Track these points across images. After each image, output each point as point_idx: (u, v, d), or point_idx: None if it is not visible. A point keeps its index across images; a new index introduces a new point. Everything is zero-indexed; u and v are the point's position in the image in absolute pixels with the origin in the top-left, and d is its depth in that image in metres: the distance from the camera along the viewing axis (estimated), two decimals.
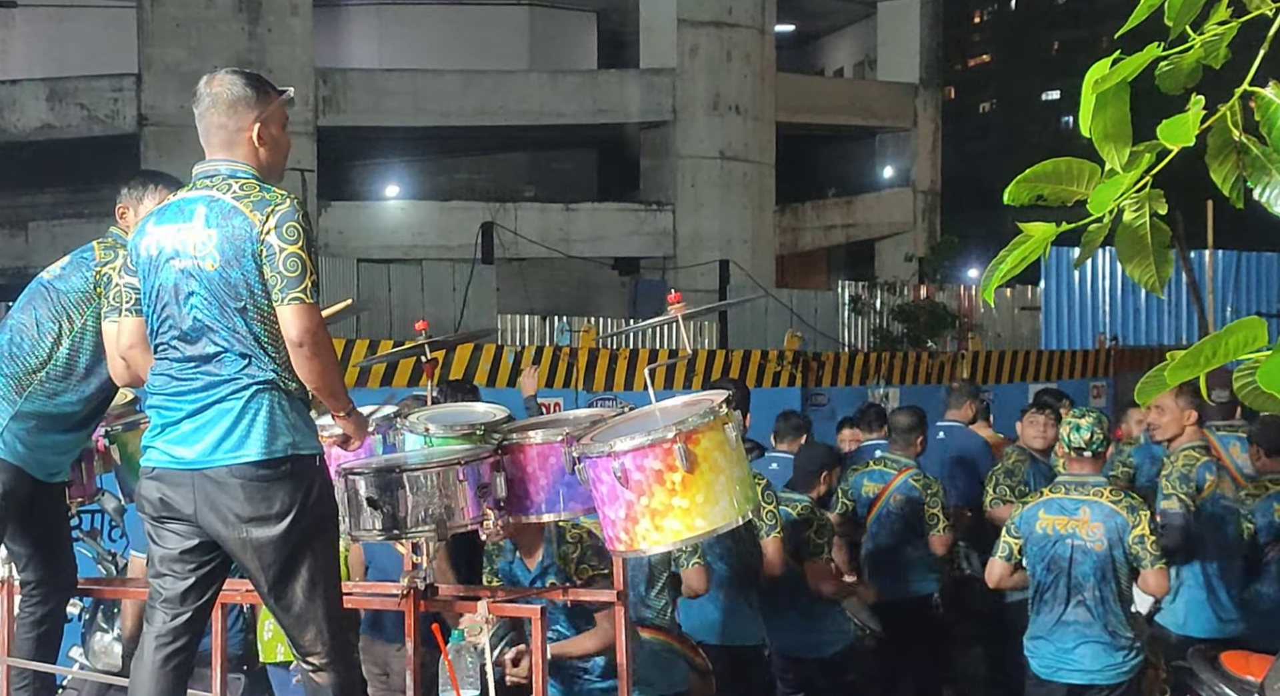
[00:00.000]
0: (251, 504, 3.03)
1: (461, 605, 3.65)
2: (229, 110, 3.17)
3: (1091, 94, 1.56)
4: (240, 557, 3.12)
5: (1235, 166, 1.62)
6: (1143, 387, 1.47)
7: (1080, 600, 4.66)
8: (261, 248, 3.03)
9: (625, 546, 3.27)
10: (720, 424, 3.21)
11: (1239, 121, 1.59)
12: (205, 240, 3.07)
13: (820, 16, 29.17)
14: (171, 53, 20.50)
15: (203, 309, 3.07)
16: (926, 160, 28.11)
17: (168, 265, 3.12)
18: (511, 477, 3.49)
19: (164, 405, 3.13)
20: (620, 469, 3.18)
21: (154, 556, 3.18)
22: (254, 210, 3.05)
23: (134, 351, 3.32)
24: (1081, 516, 4.67)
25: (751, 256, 22.21)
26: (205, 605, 3.22)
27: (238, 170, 3.15)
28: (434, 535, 3.40)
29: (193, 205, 3.12)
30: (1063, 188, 1.62)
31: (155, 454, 3.14)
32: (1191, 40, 1.59)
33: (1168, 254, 1.65)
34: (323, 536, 3.18)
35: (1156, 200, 1.64)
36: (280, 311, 3.04)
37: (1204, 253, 14.04)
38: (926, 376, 11.05)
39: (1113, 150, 1.60)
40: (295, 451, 3.09)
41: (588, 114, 22.71)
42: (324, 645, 3.15)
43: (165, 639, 3.12)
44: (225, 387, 3.06)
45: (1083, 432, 4.74)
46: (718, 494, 3.18)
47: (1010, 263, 1.60)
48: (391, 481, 3.35)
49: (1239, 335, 1.36)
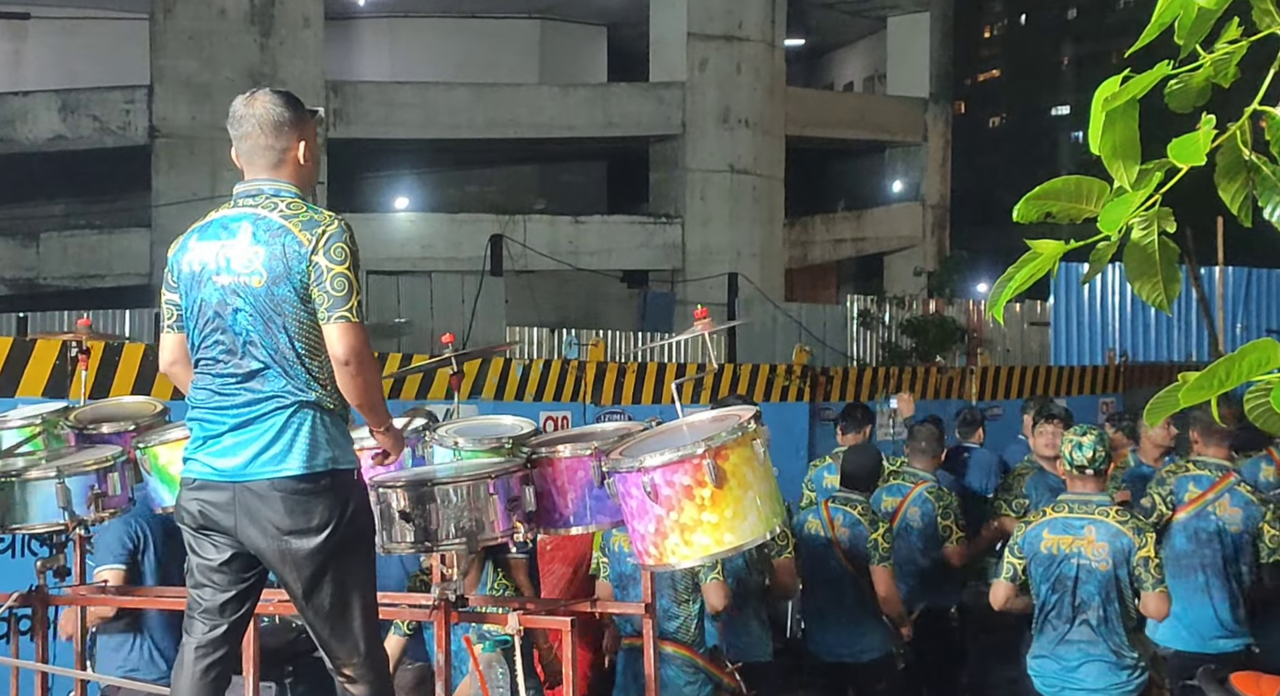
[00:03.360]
0: (291, 517, 3.08)
1: (492, 617, 3.69)
2: (275, 131, 3.22)
3: (1101, 111, 1.56)
4: (278, 569, 3.16)
5: (1245, 185, 1.61)
6: (1154, 407, 1.47)
7: (1084, 619, 4.63)
8: (310, 267, 3.08)
9: (655, 560, 3.30)
10: (749, 440, 3.25)
11: (1249, 140, 1.59)
12: (252, 257, 3.11)
13: (830, 31, 29.21)
14: (183, 64, 20.59)
15: (247, 324, 3.12)
16: (936, 174, 28.11)
17: (210, 281, 3.16)
18: (540, 491, 3.53)
19: (206, 418, 3.18)
20: (650, 484, 3.21)
21: (192, 566, 3.23)
22: (303, 230, 3.11)
23: (175, 367, 3.38)
24: (1086, 535, 4.64)
25: (760, 270, 22.21)
26: (243, 617, 3.27)
27: (281, 189, 3.21)
28: (465, 547, 3.44)
29: (237, 222, 3.18)
30: (1072, 205, 1.61)
31: (197, 465, 3.19)
32: (1201, 59, 1.58)
33: (1176, 272, 1.64)
34: (359, 549, 3.23)
35: (1165, 218, 1.63)
36: (326, 330, 3.09)
37: (1214, 269, 14.00)
38: (935, 391, 11.03)
39: (1122, 168, 1.59)
40: (335, 466, 3.14)
41: (597, 127, 22.75)
42: (359, 656, 3.19)
43: (205, 649, 3.17)
44: (269, 403, 3.11)
45: (1084, 451, 4.70)
46: (746, 509, 3.21)
47: (1019, 280, 1.59)
48: (423, 494, 3.41)
49: (1253, 357, 1.35)
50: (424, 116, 22.02)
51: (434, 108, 22.03)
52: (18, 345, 5.79)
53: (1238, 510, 5.27)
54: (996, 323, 19.29)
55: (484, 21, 24.49)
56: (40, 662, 4.09)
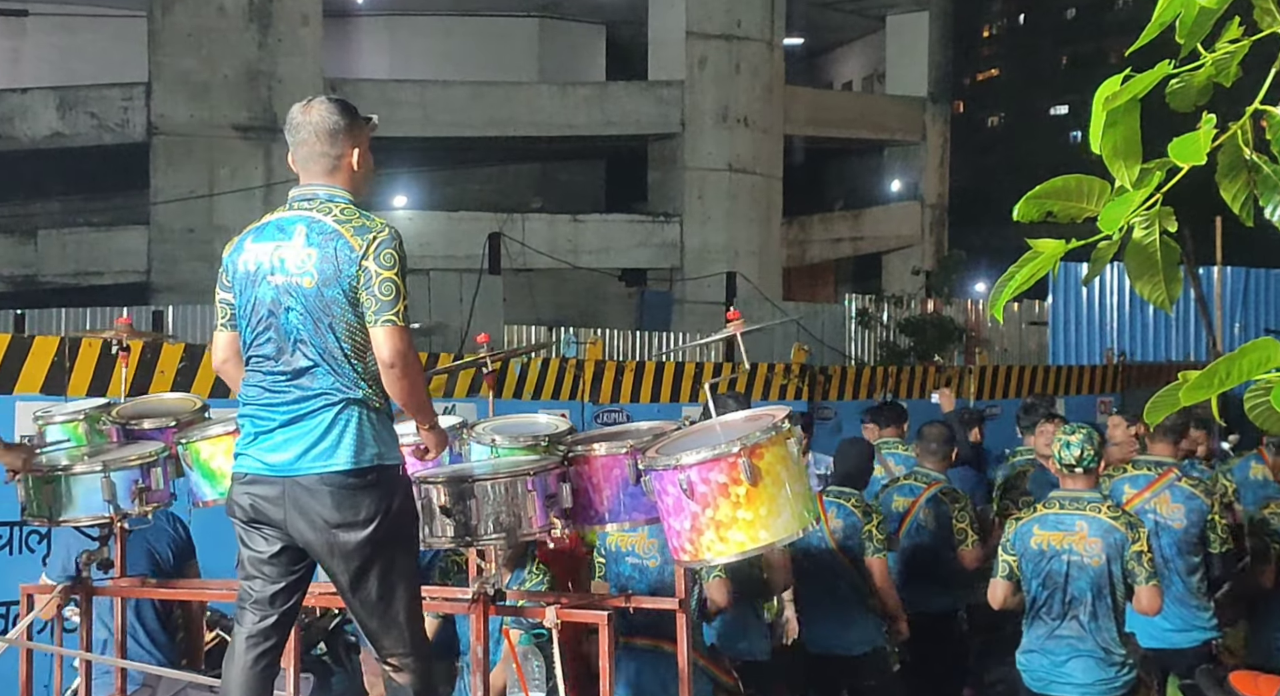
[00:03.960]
0: (339, 510, 3.18)
1: (530, 611, 3.77)
2: (330, 139, 3.31)
3: (1102, 111, 1.55)
4: (326, 561, 3.25)
5: (1246, 185, 1.61)
6: (1153, 406, 1.47)
7: (1074, 615, 4.65)
8: (359, 271, 3.18)
9: (690, 556, 3.38)
10: (783, 439, 3.33)
11: (1250, 140, 1.59)
12: (305, 258, 3.22)
13: (829, 30, 29.22)
14: (182, 62, 20.57)
15: (298, 323, 3.22)
16: (934, 174, 28.12)
17: (265, 281, 3.27)
18: (576, 488, 3.62)
19: (257, 415, 3.28)
20: (686, 481, 3.29)
21: (243, 559, 3.32)
22: (355, 235, 3.21)
23: (227, 365, 3.47)
24: (1078, 531, 4.66)
25: (758, 269, 22.22)
26: (292, 608, 3.36)
27: (335, 195, 3.30)
28: (504, 542, 3.56)
29: (292, 225, 3.28)
30: (1073, 204, 1.61)
31: (248, 461, 3.28)
32: (1202, 58, 1.58)
33: (1177, 272, 1.64)
34: (404, 542, 3.32)
35: (1166, 218, 1.63)
36: (373, 332, 3.19)
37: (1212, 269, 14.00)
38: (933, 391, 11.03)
39: (1123, 167, 1.59)
40: (381, 461, 3.23)
41: (596, 126, 22.76)
42: (404, 645, 3.29)
43: (256, 639, 3.27)
44: (318, 400, 3.21)
45: (1073, 449, 4.73)
46: (780, 506, 3.29)
47: (1020, 279, 1.59)
48: (464, 490, 3.51)
49: (1253, 356, 1.35)
50: (423, 115, 22.01)
51: (433, 106, 22.02)
52: (16, 342, 5.78)
53: (1179, 506, 5.26)
54: (995, 322, 19.31)
55: (483, 20, 24.49)
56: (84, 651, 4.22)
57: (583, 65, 25.27)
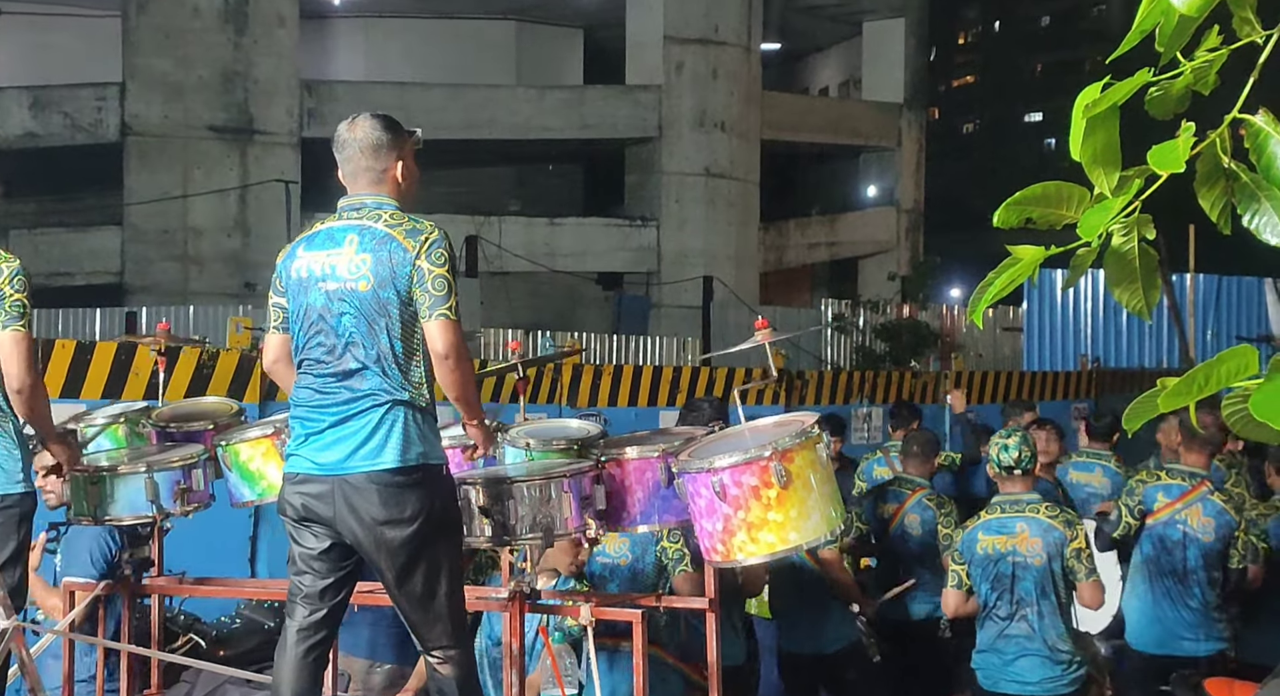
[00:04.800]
0: (386, 507, 3.30)
1: (565, 608, 3.90)
2: (374, 154, 3.48)
3: (1082, 118, 1.56)
4: (373, 556, 3.38)
5: (1224, 193, 1.62)
6: (1132, 412, 1.47)
7: (1022, 615, 4.75)
8: (414, 271, 3.33)
9: (722, 557, 3.51)
10: (813, 444, 3.47)
11: (1228, 148, 1.59)
12: (359, 264, 3.36)
13: (806, 35, 29.30)
14: (156, 63, 20.44)
15: (352, 327, 3.36)
16: (910, 180, 28.23)
17: (317, 287, 3.40)
18: (609, 490, 3.75)
19: (307, 416, 3.42)
20: (719, 484, 3.42)
21: (294, 555, 3.45)
22: (407, 237, 3.36)
23: (278, 366, 3.60)
24: (1020, 533, 4.77)
25: (735, 273, 22.24)
26: (341, 603, 3.49)
27: (383, 203, 3.46)
28: (542, 542, 3.70)
29: (343, 233, 3.42)
30: (1052, 211, 1.61)
31: (299, 461, 3.42)
32: (1182, 66, 1.59)
33: (1155, 279, 1.65)
34: (449, 538, 3.46)
35: (1145, 225, 1.64)
36: (427, 326, 3.34)
37: (1185, 276, 14.12)
38: (910, 396, 11.07)
39: (1102, 174, 1.60)
40: (426, 460, 3.37)
41: (574, 129, 22.74)
42: (448, 638, 3.41)
43: (306, 632, 3.40)
44: (365, 401, 3.34)
45: (1010, 452, 4.86)
46: (810, 509, 3.42)
47: (999, 284, 1.59)
48: (502, 491, 3.64)
49: (1230, 363, 1.36)
50: (399, 116, 21.74)
51: (410, 108, 21.92)
52: None
53: (1210, 520, 5.28)
54: (970, 327, 19.40)
55: (459, 22, 24.43)
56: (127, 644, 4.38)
57: (560, 69, 25.25)
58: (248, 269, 20.74)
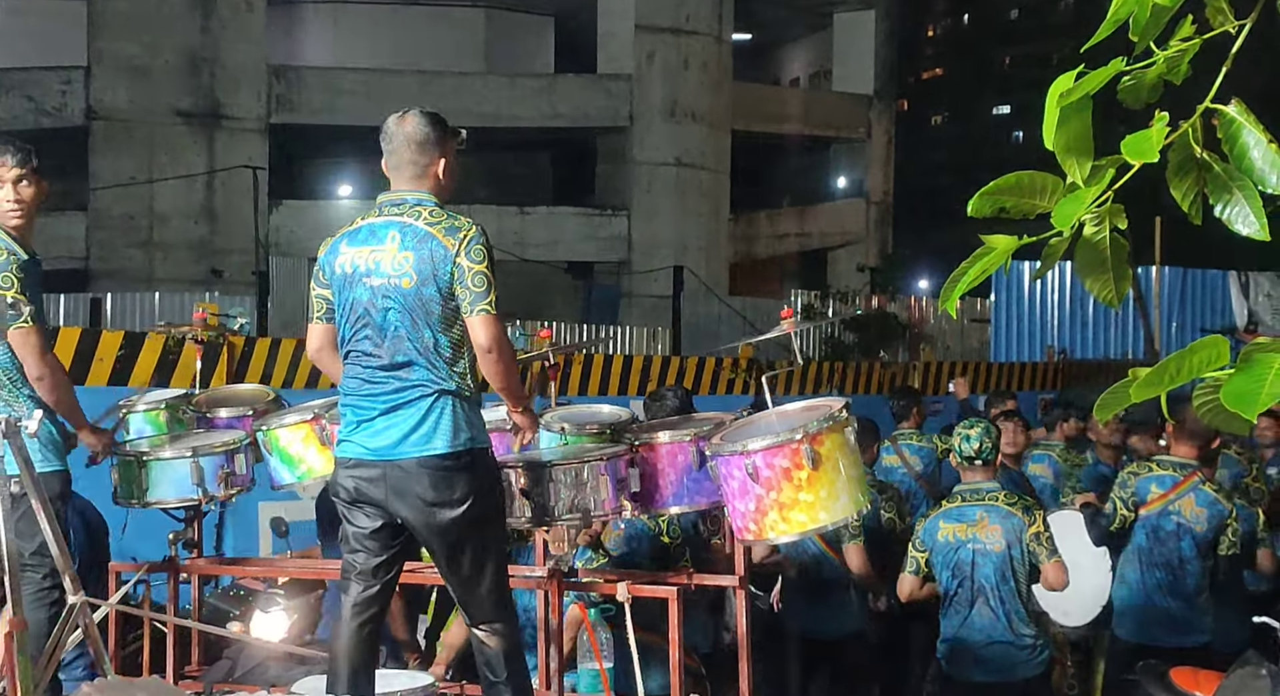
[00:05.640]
0: (436, 490, 3.47)
1: (602, 587, 4.02)
2: (420, 149, 3.61)
3: (1055, 107, 1.55)
4: (423, 536, 3.56)
5: (1196, 183, 1.62)
6: (1103, 403, 1.47)
7: (984, 601, 4.83)
8: (454, 268, 3.47)
9: (754, 536, 3.67)
10: (841, 427, 3.62)
11: (1200, 138, 1.59)
12: (402, 261, 3.49)
13: (777, 26, 29.32)
14: (122, 46, 20.21)
15: (396, 321, 3.49)
16: (880, 171, 28.33)
17: (361, 282, 3.53)
18: (643, 473, 3.91)
19: (358, 404, 3.56)
20: (752, 466, 3.56)
21: (347, 535, 3.62)
22: (447, 235, 3.50)
23: (322, 353, 3.76)
24: (979, 521, 4.87)
25: (705, 263, 22.26)
26: (393, 579, 3.67)
27: (423, 199, 3.60)
28: (580, 523, 3.86)
29: (385, 230, 3.55)
30: (1026, 200, 1.61)
31: (351, 447, 3.57)
32: (1155, 56, 1.59)
33: (1126, 269, 1.65)
34: (495, 518, 3.64)
35: (1117, 215, 1.64)
36: (470, 322, 3.48)
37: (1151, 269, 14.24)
38: (879, 386, 11.12)
39: (1075, 164, 1.59)
40: (473, 445, 3.52)
41: (544, 118, 22.67)
42: (495, 612, 3.59)
43: (360, 607, 3.57)
44: (414, 391, 3.49)
45: (972, 442, 4.97)
46: (839, 490, 3.58)
47: (972, 274, 1.59)
48: (541, 474, 3.80)
49: (1202, 353, 1.36)
50: (368, 103, 21.77)
51: (378, 95, 21.79)
52: None
53: (1203, 510, 5.31)
54: (938, 319, 19.50)
55: (429, 9, 24.28)
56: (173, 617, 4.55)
57: (531, 57, 25.15)
58: (214, 255, 20.57)
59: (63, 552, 3.57)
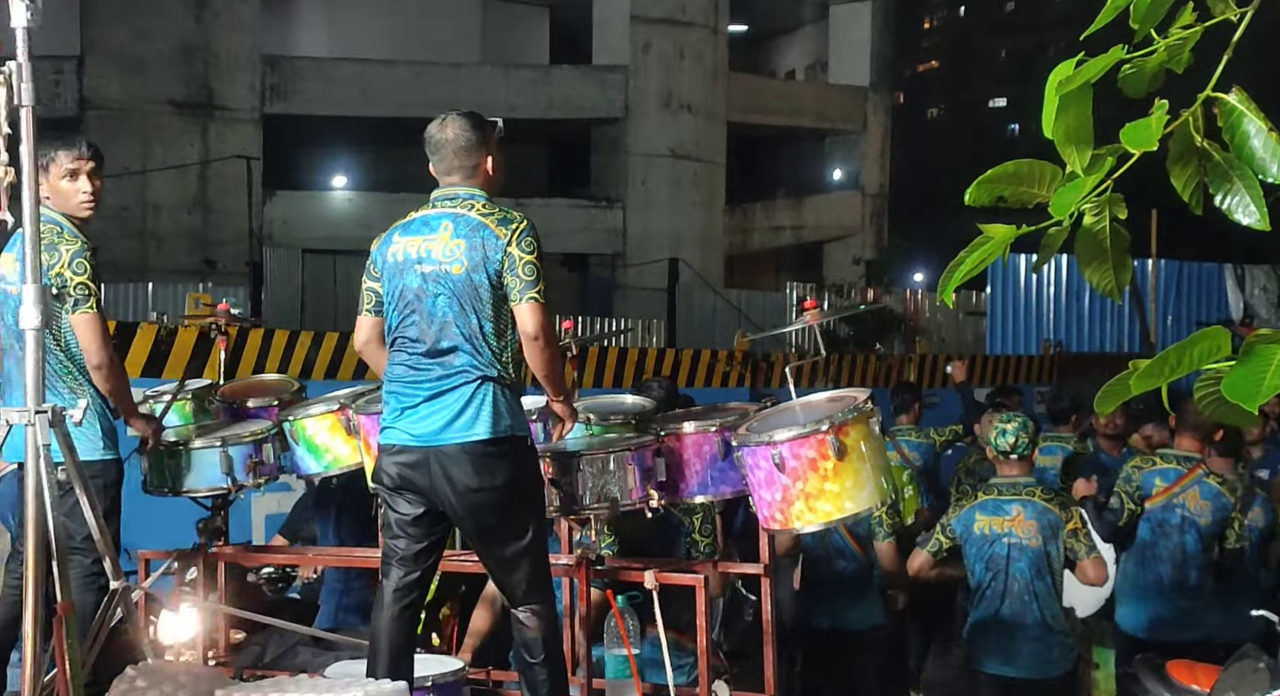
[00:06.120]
0: (478, 476, 3.54)
1: (628, 574, 4.06)
2: (466, 153, 3.71)
3: (1055, 95, 1.53)
4: (464, 521, 3.63)
5: (1196, 172, 1.60)
6: (1103, 396, 1.45)
7: (1017, 595, 4.82)
8: (505, 257, 3.56)
9: (780, 525, 3.73)
10: (866, 418, 3.67)
11: (1201, 127, 1.57)
12: (454, 248, 3.59)
13: (773, 18, 29.27)
14: (115, 35, 20.13)
15: (445, 308, 3.57)
16: (875, 164, 28.30)
17: (413, 270, 3.62)
18: (668, 463, 3.99)
19: (402, 391, 3.63)
20: (779, 456, 3.62)
21: (390, 521, 3.70)
22: (499, 226, 3.59)
23: (369, 346, 3.82)
24: (1015, 515, 4.85)
25: (701, 255, 22.24)
26: (433, 565, 3.75)
27: (474, 194, 3.70)
28: (608, 511, 3.93)
29: (438, 221, 3.66)
30: (1024, 189, 1.59)
31: (395, 433, 3.64)
32: (1156, 44, 1.57)
33: (1127, 259, 1.63)
34: (534, 502, 3.73)
35: (1117, 205, 1.62)
36: (518, 309, 3.56)
37: (1147, 261, 14.24)
38: (874, 379, 11.11)
39: (1074, 153, 1.57)
40: (514, 432, 3.60)
41: (540, 109, 22.62)
42: (534, 595, 3.65)
43: (401, 592, 3.64)
44: (458, 377, 3.56)
45: (1008, 436, 4.95)
46: (864, 480, 3.63)
47: (970, 263, 1.57)
48: (570, 463, 3.89)
49: (1203, 345, 1.34)
50: (363, 94, 21.73)
51: (373, 85, 21.75)
52: None
53: (1207, 503, 5.32)
54: (933, 311, 19.50)
55: None
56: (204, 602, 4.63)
57: (526, 47, 25.08)
58: (207, 246, 20.52)
59: (105, 538, 3.61)
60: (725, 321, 18.54)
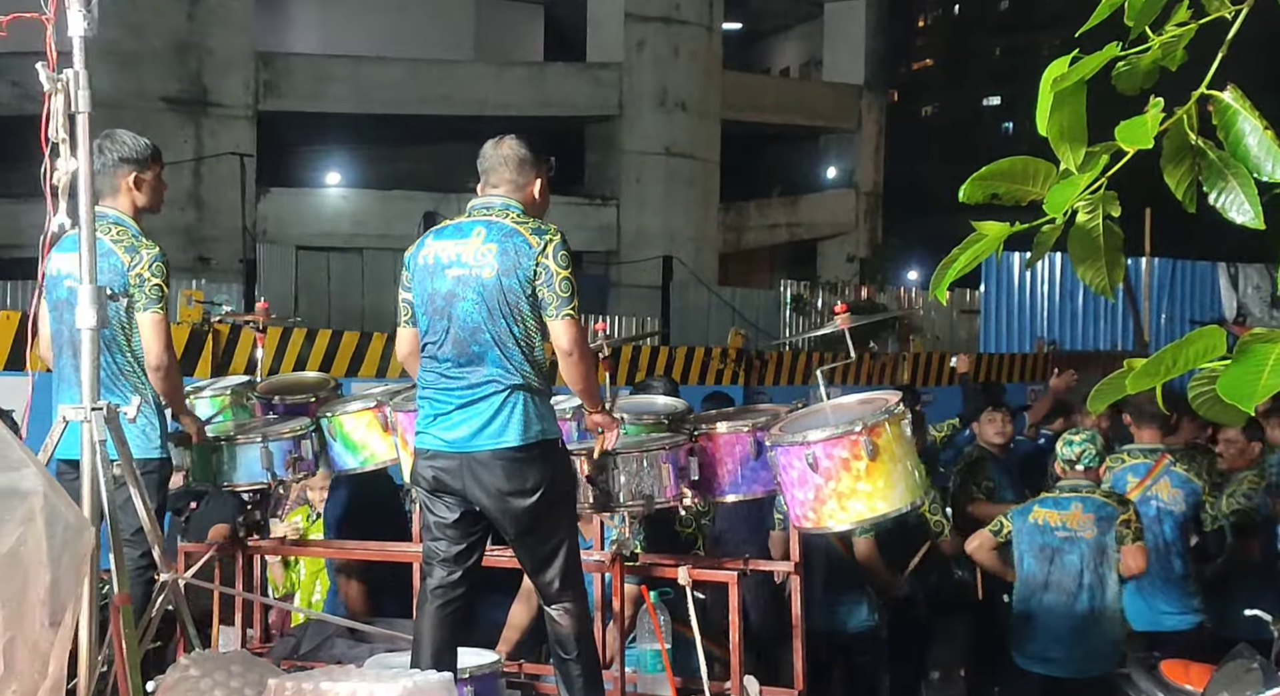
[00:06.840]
0: (510, 480, 3.64)
1: (661, 570, 4.15)
2: (518, 168, 3.82)
3: (1049, 93, 1.53)
4: (500, 522, 3.74)
5: (1190, 170, 1.59)
6: (1097, 394, 1.45)
7: (1066, 588, 4.88)
8: (537, 268, 3.65)
9: (812, 524, 3.81)
10: (898, 420, 3.74)
11: (1195, 125, 1.57)
12: (485, 252, 3.66)
13: (768, 16, 29.24)
14: (108, 32, 19.95)
15: (473, 312, 3.64)
16: (869, 162, 28.29)
17: (443, 273, 3.70)
18: (701, 462, 4.08)
19: (435, 398, 3.73)
20: (812, 456, 3.69)
21: (429, 523, 3.80)
22: (533, 235, 3.69)
23: (410, 358, 3.91)
24: (1073, 509, 4.97)
25: (695, 253, 22.22)
26: (475, 565, 3.83)
27: (511, 204, 3.79)
28: (643, 509, 4.01)
29: (471, 227, 3.74)
30: (1018, 187, 1.59)
31: (429, 439, 3.74)
32: (1150, 41, 1.56)
33: (1120, 257, 1.63)
34: (566, 504, 3.82)
35: (1110, 202, 1.62)
36: (553, 324, 3.66)
37: (1140, 260, 14.25)
38: (868, 377, 11.12)
39: (1068, 150, 1.57)
40: (544, 437, 3.70)
41: (533, 106, 22.57)
42: (567, 593, 3.76)
43: (443, 590, 3.75)
44: (488, 386, 3.65)
45: (1073, 448, 5.10)
46: (896, 480, 3.69)
47: (964, 260, 1.56)
48: (606, 462, 3.96)
49: (1199, 344, 1.34)
50: (356, 91, 21.68)
51: (367, 82, 21.70)
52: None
53: (1178, 491, 5.44)
54: (927, 310, 19.51)
55: None
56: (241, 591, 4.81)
57: (520, 44, 25.04)
58: (201, 243, 20.46)
59: (155, 532, 3.72)
60: (719, 319, 18.53)
